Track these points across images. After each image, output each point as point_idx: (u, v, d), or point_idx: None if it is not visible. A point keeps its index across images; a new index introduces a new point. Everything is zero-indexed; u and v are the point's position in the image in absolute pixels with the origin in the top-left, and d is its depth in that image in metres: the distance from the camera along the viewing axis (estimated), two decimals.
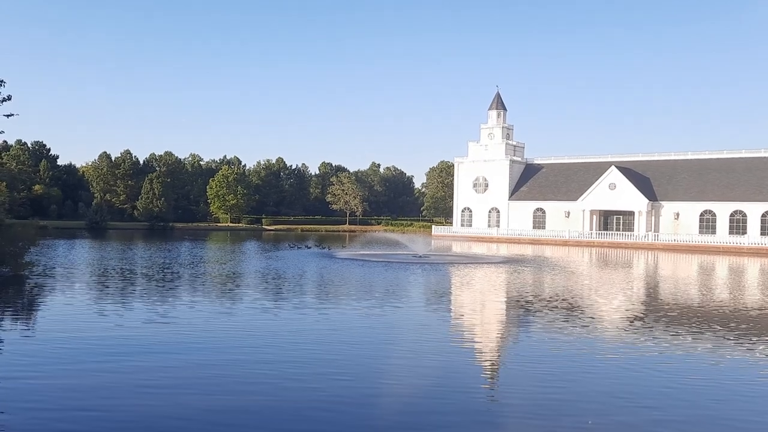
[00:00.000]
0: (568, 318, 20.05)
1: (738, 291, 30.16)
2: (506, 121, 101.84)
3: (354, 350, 15.09)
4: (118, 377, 12.03)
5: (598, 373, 13.18)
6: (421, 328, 18.18)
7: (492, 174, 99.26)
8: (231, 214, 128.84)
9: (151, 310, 20.00)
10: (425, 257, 46.61)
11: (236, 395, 11.04)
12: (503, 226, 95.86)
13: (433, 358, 14.36)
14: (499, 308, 23.21)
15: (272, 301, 22.85)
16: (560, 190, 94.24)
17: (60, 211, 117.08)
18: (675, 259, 56.80)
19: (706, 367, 13.94)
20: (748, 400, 11.58)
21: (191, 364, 13.20)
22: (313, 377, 12.29)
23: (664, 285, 32.82)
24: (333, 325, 18.36)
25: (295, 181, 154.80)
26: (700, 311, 22.35)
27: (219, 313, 19.82)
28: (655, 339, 16.82)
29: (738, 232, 77.41)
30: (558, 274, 36.23)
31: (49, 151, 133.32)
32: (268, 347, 15.03)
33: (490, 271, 37.20)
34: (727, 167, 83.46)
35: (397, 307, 21.72)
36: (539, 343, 16.26)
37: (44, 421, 9.63)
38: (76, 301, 21.86)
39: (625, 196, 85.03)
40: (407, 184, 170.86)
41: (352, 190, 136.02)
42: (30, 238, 32.00)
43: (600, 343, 16.13)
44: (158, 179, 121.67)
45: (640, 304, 24.54)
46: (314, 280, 30.45)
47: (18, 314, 19.55)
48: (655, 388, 12.00)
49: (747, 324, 19.76)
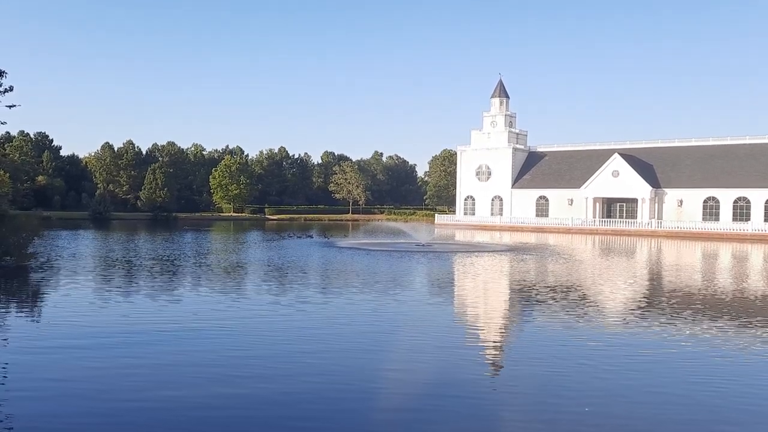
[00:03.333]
0: (571, 306, 20.04)
1: (743, 278, 30.10)
2: (509, 109, 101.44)
3: (354, 340, 15.11)
4: (122, 368, 12.10)
5: (602, 362, 13.17)
6: (423, 318, 18.19)
7: (495, 162, 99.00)
8: (234, 204, 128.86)
9: (155, 300, 20.06)
10: (428, 246, 46.60)
11: (232, 385, 11.10)
12: (506, 214, 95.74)
13: (435, 347, 14.36)
14: (502, 297, 23.22)
15: (277, 293, 22.89)
16: (563, 177, 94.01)
17: (63, 201, 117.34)
18: (678, 246, 56.70)
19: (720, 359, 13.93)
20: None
21: (186, 353, 13.26)
22: (315, 367, 12.35)
23: (668, 272, 32.78)
24: (332, 314, 18.38)
25: (298, 170, 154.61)
26: (707, 298, 22.31)
27: (217, 303, 19.86)
28: (662, 327, 16.82)
29: (742, 219, 77.21)
30: (561, 262, 36.20)
31: (52, 142, 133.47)
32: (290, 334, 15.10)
33: (493, 260, 37.19)
34: (731, 154, 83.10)
35: (398, 297, 21.73)
36: (542, 331, 16.27)
37: (48, 413, 9.69)
38: (80, 291, 21.90)
39: (628, 183, 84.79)
40: (410, 172, 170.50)
41: (355, 179, 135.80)
42: (33, 228, 32.08)
43: (604, 332, 16.11)
44: (161, 169, 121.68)
45: (645, 292, 24.51)
46: (316, 269, 30.48)
47: (22, 305, 19.62)
48: (659, 379, 12.03)
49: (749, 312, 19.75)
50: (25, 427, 9.00)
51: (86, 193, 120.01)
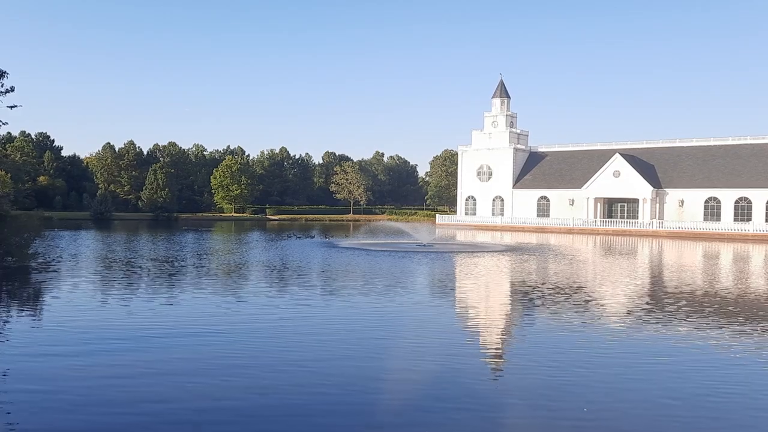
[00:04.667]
0: (573, 307, 20.01)
1: (745, 279, 30.05)
2: (510, 109, 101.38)
3: (354, 344, 15.09)
4: (124, 367, 12.09)
5: (603, 361, 13.14)
6: (424, 318, 18.17)
7: (496, 162, 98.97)
8: (235, 204, 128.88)
9: (155, 300, 20.04)
10: (429, 246, 46.57)
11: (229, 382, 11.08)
12: (507, 214, 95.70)
13: (437, 346, 14.34)
14: (504, 298, 23.18)
15: (276, 295, 22.87)
16: (564, 177, 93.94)
17: (65, 202, 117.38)
18: (680, 246, 56.62)
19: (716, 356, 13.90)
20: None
21: (183, 354, 13.24)
22: (319, 363, 12.34)
23: (670, 273, 32.73)
24: (333, 314, 18.37)
25: (299, 170, 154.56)
26: (707, 298, 22.27)
27: (223, 303, 19.86)
28: (663, 328, 16.78)
29: (743, 219, 77.11)
30: (563, 263, 36.15)
31: (54, 142, 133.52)
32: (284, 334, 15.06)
33: (494, 260, 37.15)
34: (732, 154, 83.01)
35: (398, 299, 21.69)
36: (544, 331, 16.24)
37: (52, 410, 9.67)
38: (81, 291, 21.89)
39: (629, 183, 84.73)
40: (411, 173, 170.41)
41: (356, 180, 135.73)
42: (35, 229, 32.09)
43: (606, 331, 16.08)
44: (162, 170, 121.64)
45: (646, 293, 24.46)
46: (318, 269, 30.46)
47: (23, 305, 19.62)
48: (661, 379, 11.99)
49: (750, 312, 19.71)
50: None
51: (87, 193, 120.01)
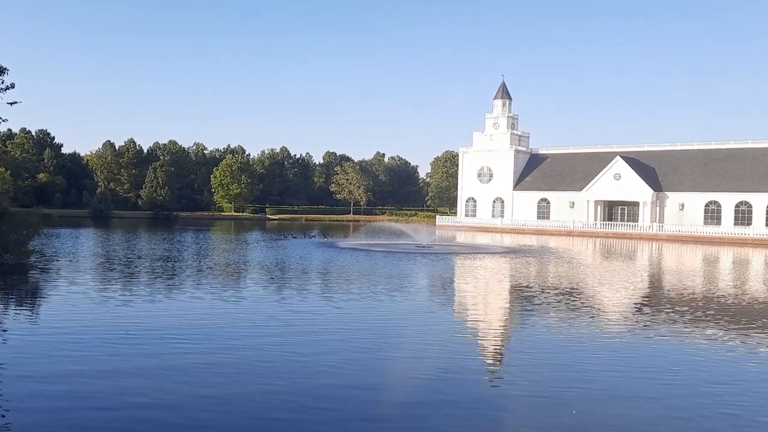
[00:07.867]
0: (572, 308, 19.95)
1: (744, 283, 30.00)
2: (511, 111, 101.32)
3: (357, 340, 15.03)
4: (125, 363, 12.02)
5: (601, 363, 13.08)
6: (424, 319, 18.11)
7: (496, 164, 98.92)
8: (235, 204, 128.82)
9: (153, 299, 19.98)
10: (428, 247, 46.50)
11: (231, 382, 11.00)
12: (507, 216, 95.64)
13: (437, 346, 14.28)
14: (503, 299, 23.13)
15: (276, 296, 22.81)
16: (565, 180, 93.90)
17: (64, 199, 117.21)
18: (679, 250, 56.59)
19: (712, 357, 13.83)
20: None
21: (192, 351, 13.18)
22: (318, 365, 12.26)
23: (669, 276, 32.68)
24: (334, 314, 18.30)
25: (299, 170, 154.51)
26: (704, 301, 22.20)
27: (221, 301, 19.80)
28: (662, 331, 16.71)
29: (743, 223, 77.05)
30: (562, 265, 36.09)
31: (54, 140, 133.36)
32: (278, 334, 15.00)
33: (494, 262, 37.09)
34: (733, 158, 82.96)
35: (398, 300, 21.64)
36: (542, 333, 16.16)
37: (51, 409, 9.60)
38: (80, 288, 21.82)
39: (629, 186, 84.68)
40: (412, 173, 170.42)
41: (357, 180, 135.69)
42: (34, 226, 32.01)
43: (603, 334, 16.03)
44: (162, 168, 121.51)
45: (645, 296, 24.41)
46: (318, 270, 30.41)
47: (21, 302, 19.55)
48: (658, 379, 11.92)
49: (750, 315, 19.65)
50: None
51: (87, 191, 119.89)
